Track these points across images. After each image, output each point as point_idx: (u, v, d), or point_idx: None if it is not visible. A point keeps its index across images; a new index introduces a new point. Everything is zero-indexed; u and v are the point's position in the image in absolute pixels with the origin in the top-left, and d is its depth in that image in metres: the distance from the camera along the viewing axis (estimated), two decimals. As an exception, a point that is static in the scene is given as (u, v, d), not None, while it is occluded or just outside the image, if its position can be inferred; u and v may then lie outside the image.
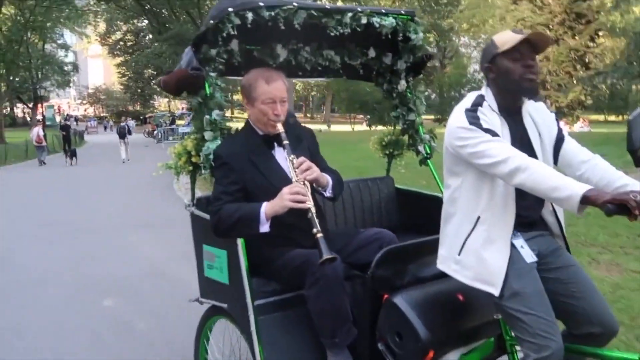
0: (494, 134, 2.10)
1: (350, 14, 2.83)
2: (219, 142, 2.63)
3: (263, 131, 2.63)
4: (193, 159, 2.68)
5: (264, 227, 2.47)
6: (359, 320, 2.53)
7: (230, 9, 2.52)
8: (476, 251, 2.19)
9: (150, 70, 49.70)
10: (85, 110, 68.82)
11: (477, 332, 2.40)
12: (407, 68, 3.26)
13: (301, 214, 2.46)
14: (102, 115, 64.12)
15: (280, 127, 2.56)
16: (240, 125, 2.83)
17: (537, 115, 2.29)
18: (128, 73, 52.36)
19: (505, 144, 2.08)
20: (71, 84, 59.74)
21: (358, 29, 2.88)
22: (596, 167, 2.21)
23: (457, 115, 2.18)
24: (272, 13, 2.60)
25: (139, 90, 56.60)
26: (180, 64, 2.71)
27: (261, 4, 2.57)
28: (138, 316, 4.78)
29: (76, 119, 58.22)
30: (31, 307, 5.18)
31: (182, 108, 52.98)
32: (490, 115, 2.18)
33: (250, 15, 2.54)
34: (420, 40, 3.10)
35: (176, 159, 2.72)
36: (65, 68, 51.60)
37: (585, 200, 1.85)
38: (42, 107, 51.68)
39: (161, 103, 64.41)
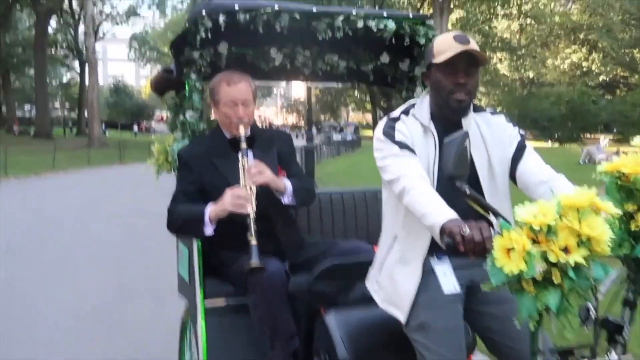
0: (402, 146, 1.99)
1: (341, 17, 2.77)
2: (186, 142, 2.62)
3: (229, 134, 2.57)
4: (169, 158, 2.71)
5: (208, 230, 2.56)
6: (299, 334, 2.53)
7: (203, 12, 2.55)
8: (390, 271, 2.10)
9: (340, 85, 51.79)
10: (285, 120, 73.63)
11: None
12: (423, 74, 2.98)
13: (260, 219, 2.48)
14: (298, 124, 68.18)
15: (242, 130, 2.61)
16: None
17: (488, 128, 2.11)
18: (319, 87, 55.17)
19: (408, 161, 1.97)
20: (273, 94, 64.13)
21: (357, 33, 2.79)
22: (555, 190, 1.91)
23: (379, 124, 2.11)
24: (249, 16, 2.57)
25: (327, 103, 59.00)
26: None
27: (236, 6, 2.62)
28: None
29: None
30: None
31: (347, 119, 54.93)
32: (411, 125, 2.07)
33: (222, 19, 2.51)
34: None
35: (156, 157, 2.76)
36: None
37: (443, 232, 1.70)
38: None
39: (349, 114, 66.69)
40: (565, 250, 1.43)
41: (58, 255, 7.65)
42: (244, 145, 2.59)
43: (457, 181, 1.72)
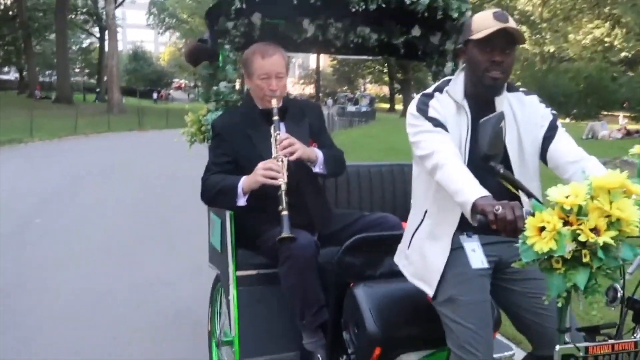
0: (436, 123, 2.02)
1: None
2: (219, 113, 2.65)
3: (261, 105, 2.59)
4: (202, 128, 2.74)
5: (241, 201, 2.60)
6: (328, 306, 2.57)
7: None
8: (420, 247, 2.14)
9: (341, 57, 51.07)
10: (302, 90, 73.31)
11: (437, 338, 2.17)
12: (454, 49, 2.97)
13: (291, 191, 2.52)
14: (314, 95, 67.72)
15: (274, 103, 2.64)
16: None
17: (521, 108, 2.12)
18: (337, 57, 54.60)
19: (441, 137, 2.00)
20: (291, 64, 63.57)
21: (389, 5, 2.81)
22: (586, 171, 1.89)
23: (413, 101, 2.14)
24: None
25: (345, 74, 58.46)
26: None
27: None
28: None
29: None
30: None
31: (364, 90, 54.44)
32: (445, 102, 2.09)
33: None
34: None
35: (189, 127, 2.80)
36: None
37: (475, 209, 1.73)
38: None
39: (365, 85, 66.06)
40: (595, 230, 1.47)
41: (87, 204, 8.91)
42: (276, 117, 2.62)
43: (492, 161, 1.75)
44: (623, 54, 39.63)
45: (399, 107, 52.06)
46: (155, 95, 56.13)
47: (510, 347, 2.79)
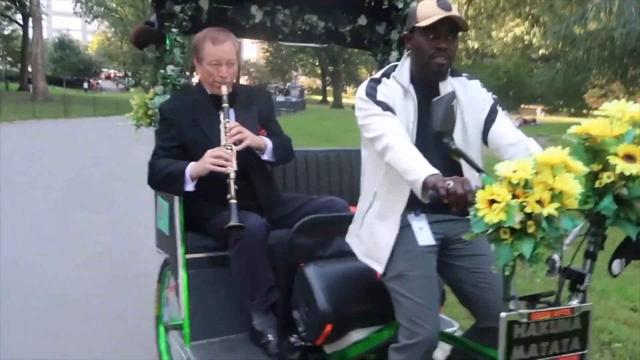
0: (385, 107, 2.08)
1: None
2: (168, 97, 2.60)
3: (211, 90, 2.57)
4: (149, 112, 2.68)
5: (189, 186, 2.59)
6: (278, 287, 2.58)
7: None
8: (370, 226, 2.20)
9: (288, 49, 50.87)
10: (237, 81, 72.55)
11: (386, 314, 2.22)
12: (399, 39, 3.03)
13: (239, 176, 2.53)
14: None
15: (224, 89, 2.64)
16: None
17: (464, 92, 2.20)
18: (270, 49, 54.28)
19: (390, 120, 2.06)
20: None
21: None
22: (524, 152, 2.03)
23: (362, 85, 2.19)
24: None
25: (277, 66, 58.28)
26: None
27: None
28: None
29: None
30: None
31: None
32: (393, 87, 2.15)
33: None
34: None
35: (135, 111, 2.73)
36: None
37: (425, 186, 1.79)
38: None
39: (298, 77, 66.08)
40: (540, 202, 1.55)
41: (16, 183, 9.15)
42: (225, 104, 2.61)
43: (445, 137, 1.82)
44: (541, 52, 41.39)
45: (330, 98, 52.42)
46: (86, 84, 54.03)
47: (453, 324, 2.89)
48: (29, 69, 40.77)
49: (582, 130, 1.82)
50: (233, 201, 2.46)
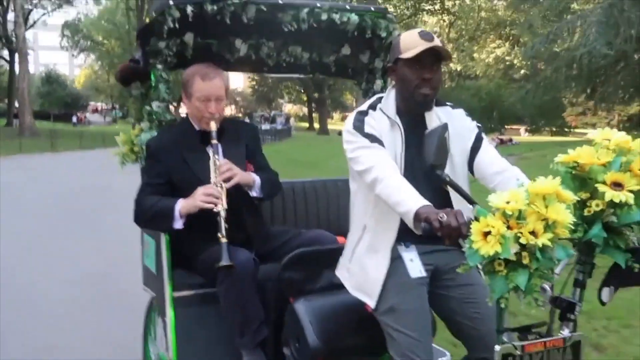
0: (373, 139, 2.06)
1: (306, 10, 2.79)
2: (154, 133, 2.57)
3: (199, 126, 2.56)
4: (135, 148, 2.65)
5: (178, 224, 2.54)
6: (268, 323, 2.54)
7: (171, 2, 2.51)
8: (361, 260, 2.17)
9: (274, 77, 51.30)
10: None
11: (379, 346, 2.18)
12: (383, 67, 3.03)
13: (228, 211, 2.50)
14: (236, 114, 67.51)
15: (213, 126, 2.61)
16: None
17: (450, 122, 2.14)
18: (256, 78, 54.73)
19: (379, 152, 2.04)
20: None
21: (320, 25, 2.84)
22: (510, 180, 2.05)
23: (349, 118, 2.17)
24: (216, 7, 2.53)
25: (263, 94, 58.65)
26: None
27: None
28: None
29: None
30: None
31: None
32: (379, 119, 2.14)
33: (189, 9, 2.46)
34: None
35: (121, 147, 2.70)
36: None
37: (418, 218, 1.77)
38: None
39: (284, 105, 66.46)
40: (533, 233, 1.53)
41: (4, 214, 9.07)
42: (214, 141, 2.58)
43: (438, 170, 1.81)
44: (522, 72, 41.98)
45: (317, 125, 52.67)
46: (75, 119, 53.80)
47: (445, 353, 2.85)
48: (16, 105, 40.66)
49: (570, 159, 1.83)
50: (224, 240, 2.42)
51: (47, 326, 4.39)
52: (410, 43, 2.05)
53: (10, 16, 38.94)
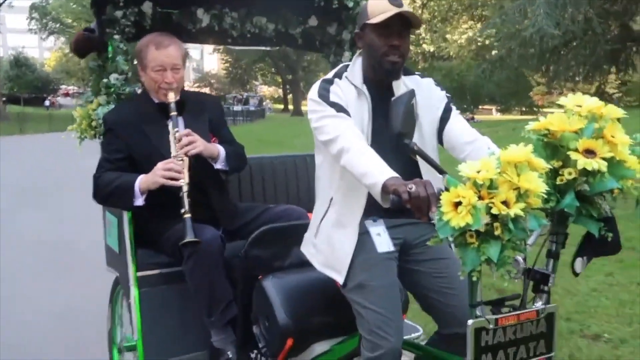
0: (339, 108, 1.95)
1: None
2: (111, 107, 2.43)
3: (157, 99, 2.41)
4: (93, 123, 2.51)
5: (138, 201, 2.43)
6: (237, 301, 2.43)
7: None
8: (327, 235, 2.06)
9: (247, 58, 50.62)
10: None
11: (348, 324, 2.10)
12: (351, 39, 2.92)
13: (193, 187, 2.35)
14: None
15: (171, 97, 2.48)
16: None
17: (418, 91, 2.04)
18: (230, 59, 53.94)
19: (344, 121, 1.93)
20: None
21: None
22: (480, 150, 1.96)
23: (314, 86, 2.05)
24: None
25: (238, 76, 57.93)
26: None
27: None
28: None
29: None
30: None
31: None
32: (346, 88, 2.03)
33: None
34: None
35: (79, 123, 2.55)
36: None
37: (386, 190, 1.68)
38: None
39: (262, 87, 65.80)
40: (505, 203, 1.46)
41: None
42: (173, 112, 2.45)
43: (405, 138, 1.71)
44: (494, 52, 42.09)
45: (292, 107, 52.34)
46: (47, 102, 52.58)
47: (417, 329, 2.79)
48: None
49: (541, 126, 1.74)
50: (187, 216, 2.31)
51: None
52: (379, 8, 1.93)
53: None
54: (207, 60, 72.46)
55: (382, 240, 2.00)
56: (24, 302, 4.44)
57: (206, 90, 65.87)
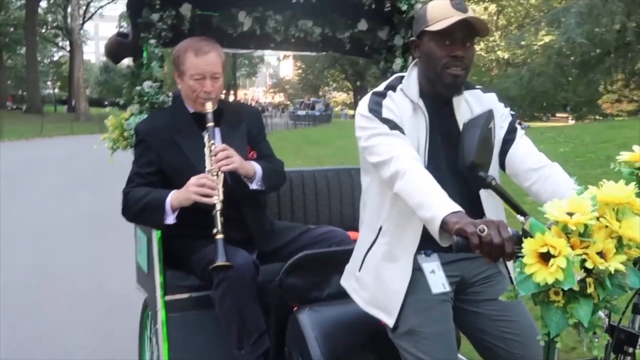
0: (393, 125, 1.62)
1: None
2: (144, 116, 2.19)
3: (193, 108, 2.17)
4: (125, 134, 2.27)
5: (170, 219, 2.16)
6: (270, 332, 2.14)
7: None
8: (375, 269, 1.72)
9: (318, 65, 50.63)
10: (272, 98, 72.75)
11: None
12: (404, 45, 2.56)
13: (227, 205, 2.10)
14: (284, 102, 67.36)
15: (209, 106, 2.20)
16: None
17: (480, 108, 1.72)
18: (303, 66, 54.16)
19: (400, 140, 1.61)
20: (257, 75, 63.87)
21: None
22: (548, 179, 1.61)
23: (363, 100, 1.72)
24: None
25: (310, 82, 58.06)
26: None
27: None
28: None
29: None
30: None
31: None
32: (400, 102, 1.69)
33: None
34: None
35: (111, 132, 2.32)
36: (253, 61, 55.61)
37: (446, 227, 1.35)
38: (235, 94, 55.65)
39: (332, 93, 65.79)
40: (600, 254, 1.09)
41: (52, 180, 11.27)
42: (210, 124, 2.17)
43: (480, 170, 1.34)
44: (572, 58, 40.24)
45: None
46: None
47: None
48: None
49: (635, 158, 1.35)
50: (220, 236, 2.03)
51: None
52: (440, 13, 1.60)
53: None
54: (282, 66, 73.52)
55: (437, 278, 1.65)
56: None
57: (280, 95, 66.83)
